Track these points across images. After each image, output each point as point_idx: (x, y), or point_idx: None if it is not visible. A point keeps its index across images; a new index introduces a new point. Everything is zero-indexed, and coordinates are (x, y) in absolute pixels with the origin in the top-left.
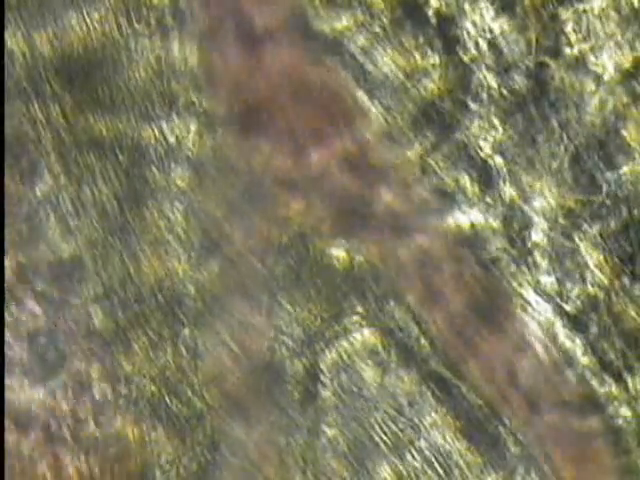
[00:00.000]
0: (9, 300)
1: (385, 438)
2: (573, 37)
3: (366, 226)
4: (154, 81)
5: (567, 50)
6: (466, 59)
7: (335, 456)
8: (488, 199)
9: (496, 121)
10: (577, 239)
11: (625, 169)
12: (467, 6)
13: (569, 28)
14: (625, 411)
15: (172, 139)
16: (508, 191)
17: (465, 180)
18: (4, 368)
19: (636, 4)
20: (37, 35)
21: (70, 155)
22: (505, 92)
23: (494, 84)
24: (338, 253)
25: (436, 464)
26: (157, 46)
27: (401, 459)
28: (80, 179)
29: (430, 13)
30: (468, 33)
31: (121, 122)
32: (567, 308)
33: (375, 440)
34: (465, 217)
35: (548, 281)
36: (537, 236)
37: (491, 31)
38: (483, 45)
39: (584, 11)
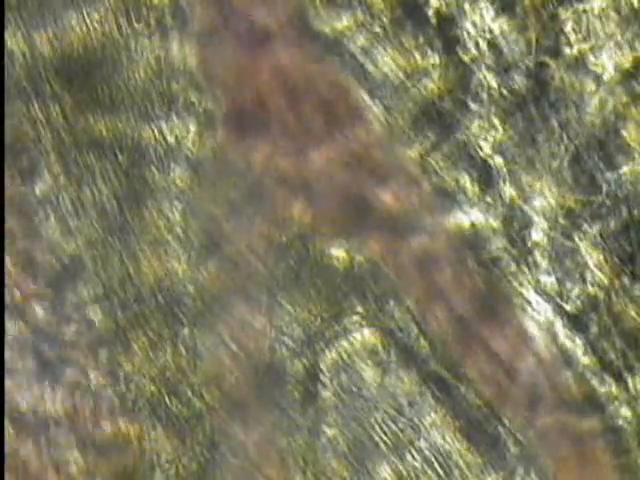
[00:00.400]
0: (9, 300)
1: (385, 438)
2: (573, 37)
3: (366, 226)
4: (154, 81)
5: (567, 50)
6: (466, 59)
7: (335, 456)
8: (488, 199)
9: (496, 121)
10: (577, 239)
11: (625, 169)
12: (467, 6)
13: (569, 28)
14: (625, 411)
15: (172, 139)
16: (508, 191)
17: (465, 180)
18: (4, 368)
19: (636, 4)
20: (37, 35)
21: (70, 155)
22: (505, 92)
23: (494, 84)
24: (338, 253)
25: (436, 464)
26: (157, 46)
27: (401, 459)
28: (80, 179)
29: (430, 13)
30: (468, 33)
31: (121, 122)
32: (567, 308)
33: (375, 440)
34: (465, 217)
35: (548, 281)
36: (537, 236)
37: (491, 31)
38: (483, 45)
39: (584, 11)
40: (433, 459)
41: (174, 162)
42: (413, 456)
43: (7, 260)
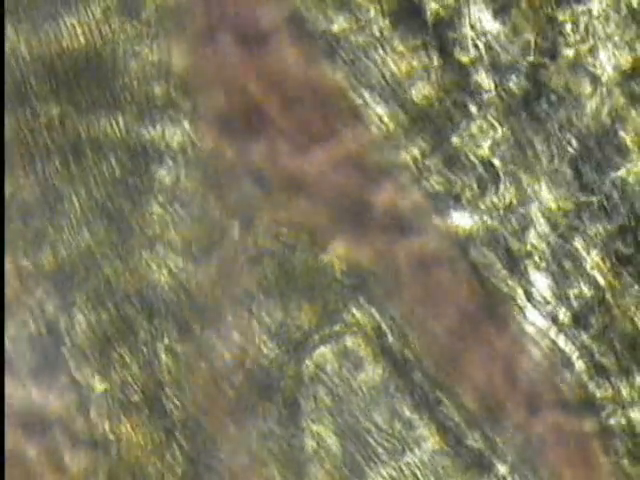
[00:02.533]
0: (8, 301)
1: (372, 449)
2: (571, 38)
3: (363, 228)
4: (152, 82)
5: (565, 51)
6: (464, 61)
7: (320, 467)
8: (486, 201)
9: (494, 123)
10: (575, 241)
11: (623, 170)
12: (465, 8)
13: (567, 29)
14: (622, 413)
15: (170, 140)
16: (506, 193)
17: (463, 182)
18: (4, 368)
19: (635, 5)
20: (35, 36)
21: (68, 156)
22: (503, 94)
23: (492, 86)
24: (333, 255)
25: (424, 476)
26: (153, 47)
27: (388, 470)
28: (78, 180)
29: (428, 15)
30: (465, 35)
31: (119, 123)
32: (565, 310)
33: (361, 451)
34: (463, 219)
35: (546, 283)
36: (535, 238)
37: (488, 33)
38: (481, 47)
39: (582, 12)
40: (421, 471)
41: (169, 164)
42: (400, 467)
43: (6, 261)
